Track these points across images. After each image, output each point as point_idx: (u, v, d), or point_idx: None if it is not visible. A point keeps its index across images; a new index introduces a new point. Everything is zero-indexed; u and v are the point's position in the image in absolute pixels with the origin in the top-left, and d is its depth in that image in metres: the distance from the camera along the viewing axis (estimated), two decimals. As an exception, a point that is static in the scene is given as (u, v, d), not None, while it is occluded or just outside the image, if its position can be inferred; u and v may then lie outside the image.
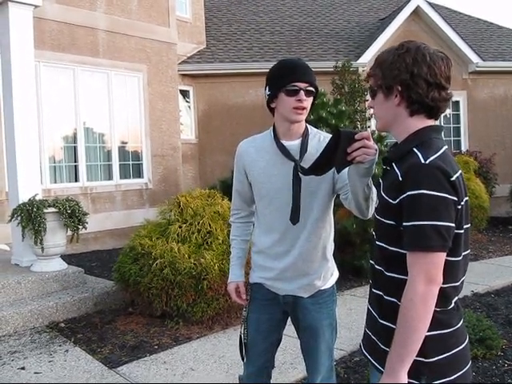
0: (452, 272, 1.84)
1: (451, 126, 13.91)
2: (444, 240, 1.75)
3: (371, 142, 2.11)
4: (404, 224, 1.80)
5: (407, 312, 1.76)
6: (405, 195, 1.79)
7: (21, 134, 6.53)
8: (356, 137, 2.08)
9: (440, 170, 1.76)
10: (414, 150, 1.85)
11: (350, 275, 7.10)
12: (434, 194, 1.74)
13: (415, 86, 1.86)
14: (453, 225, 1.78)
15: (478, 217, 10.29)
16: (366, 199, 2.38)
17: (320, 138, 2.68)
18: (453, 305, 1.90)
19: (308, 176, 2.48)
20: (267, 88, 2.66)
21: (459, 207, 1.80)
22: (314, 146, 2.63)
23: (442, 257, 1.77)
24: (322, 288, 2.74)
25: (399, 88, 1.90)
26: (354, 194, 2.38)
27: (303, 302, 2.73)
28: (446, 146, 1.89)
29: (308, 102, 2.60)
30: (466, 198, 1.86)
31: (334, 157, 2.16)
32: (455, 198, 1.78)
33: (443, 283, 1.79)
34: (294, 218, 2.63)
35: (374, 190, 2.37)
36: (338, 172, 2.38)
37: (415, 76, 1.86)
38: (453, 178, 1.78)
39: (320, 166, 2.30)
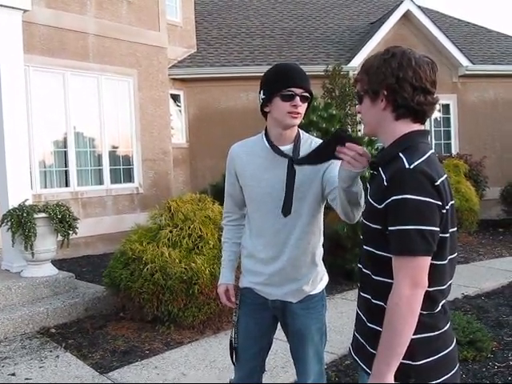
0: (438, 276, 1.85)
1: (441, 129, 13.98)
2: (428, 244, 1.76)
3: (362, 158, 2.05)
4: (389, 228, 1.82)
5: (393, 315, 1.77)
6: (389, 200, 1.81)
7: (10, 139, 6.51)
8: (347, 145, 2.06)
9: (424, 175, 1.77)
10: (400, 154, 1.86)
11: (340, 279, 7.10)
12: (418, 198, 1.75)
13: (401, 90, 1.88)
14: (437, 229, 1.79)
15: (468, 220, 10.34)
16: (353, 204, 2.37)
17: (311, 144, 2.68)
18: (440, 308, 1.91)
19: (301, 166, 2.49)
20: (262, 92, 2.65)
21: (444, 211, 1.81)
22: (306, 150, 2.63)
23: (426, 261, 1.78)
24: (311, 293, 2.74)
25: (385, 92, 1.91)
26: (341, 199, 2.38)
27: (292, 307, 2.73)
28: (431, 151, 1.91)
29: (303, 108, 2.60)
30: (452, 202, 1.88)
31: (327, 150, 2.16)
32: (439, 203, 1.79)
33: (429, 287, 1.80)
34: (286, 209, 2.61)
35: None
36: (323, 161, 2.36)
37: (401, 80, 1.87)
38: (437, 183, 1.79)
39: (313, 156, 2.30)
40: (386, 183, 1.84)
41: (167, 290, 5.21)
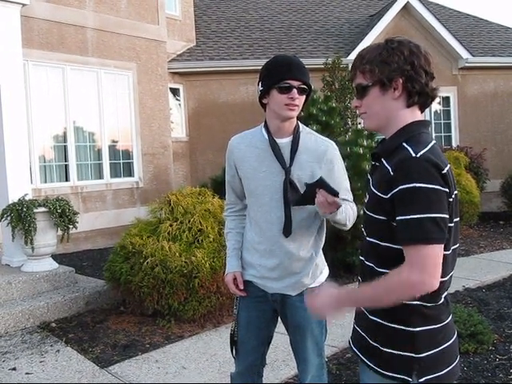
0: (441, 266, 1.83)
1: (442, 121, 13.94)
2: (442, 232, 1.74)
3: (329, 206, 2.34)
4: (399, 218, 1.77)
5: (388, 287, 1.79)
6: (397, 189, 1.77)
7: (10, 134, 6.49)
8: (320, 191, 2.31)
9: (431, 163, 1.75)
10: (404, 144, 1.84)
11: (341, 272, 7.09)
12: (428, 186, 1.73)
13: (417, 77, 1.86)
14: (447, 216, 1.77)
15: (468, 212, 10.32)
16: (340, 224, 2.59)
17: (312, 139, 2.69)
18: (442, 300, 1.90)
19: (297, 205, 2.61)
20: (260, 83, 2.65)
21: (450, 200, 1.80)
22: (307, 144, 2.63)
23: (440, 249, 1.75)
24: (311, 286, 2.73)
25: (401, 80, 1.88)
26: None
27: (292, 300, 2.73)
28: (434, 141, 1.89)
29: (300, 100, 2.59)
30: (456, 192, 1.86)
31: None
32: (447, 190, 1.77)
33: None
34: (287, 231, 2.65)
35: (352, 205, 2.60)
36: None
37: (416, 66, 1.86)
38: (444, 171, 1.77)
39: (305, 199, 2.46)
40: (392, 173, 1.81)
41: (167, 283, 5.20)
